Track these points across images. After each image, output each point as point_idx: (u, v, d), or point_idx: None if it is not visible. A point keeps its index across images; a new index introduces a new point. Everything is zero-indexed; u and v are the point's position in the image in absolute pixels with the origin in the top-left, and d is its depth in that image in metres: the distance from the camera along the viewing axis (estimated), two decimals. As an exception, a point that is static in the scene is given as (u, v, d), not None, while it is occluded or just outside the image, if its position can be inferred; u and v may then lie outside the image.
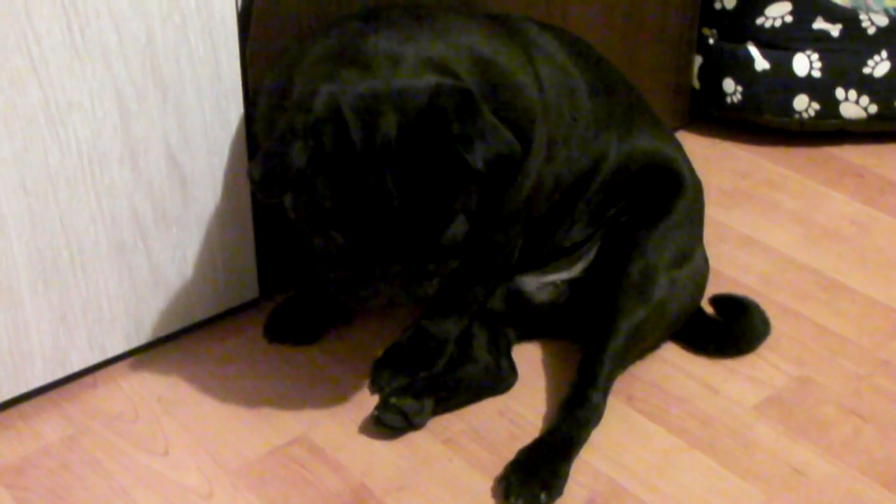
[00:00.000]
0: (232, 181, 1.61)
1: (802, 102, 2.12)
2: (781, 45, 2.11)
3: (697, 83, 2.20)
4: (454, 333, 1.59)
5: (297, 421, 1.54)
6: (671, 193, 1.63)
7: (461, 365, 1.59)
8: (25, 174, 1.42)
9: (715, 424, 1.54)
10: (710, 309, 1.70)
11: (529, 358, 1.65)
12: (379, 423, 1.51)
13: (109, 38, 1.42)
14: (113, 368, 1.62)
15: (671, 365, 1.64)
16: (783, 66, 2.11)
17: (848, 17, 2.09)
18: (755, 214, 1.99)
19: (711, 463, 1.48)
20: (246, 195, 1.63)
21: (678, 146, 1.71)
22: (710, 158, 2.13)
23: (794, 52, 2.11)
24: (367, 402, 1.56)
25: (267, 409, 1.56)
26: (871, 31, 2.09)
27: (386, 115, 1.30)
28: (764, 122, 2.16)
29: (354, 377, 1.61)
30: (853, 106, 2.11)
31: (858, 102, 2.11)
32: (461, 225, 1.36)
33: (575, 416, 1.49)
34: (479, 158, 1.30)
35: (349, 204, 1.31)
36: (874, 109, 2.12)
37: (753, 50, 2.12)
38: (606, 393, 1.53)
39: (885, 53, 2.09)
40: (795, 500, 1.43)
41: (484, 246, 1.51)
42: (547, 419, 1.54)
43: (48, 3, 1.36)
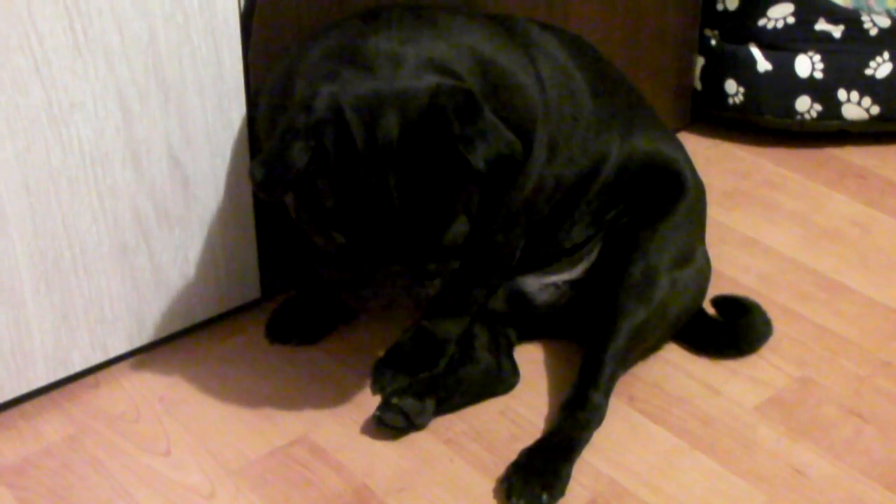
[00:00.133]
0: (234, 181, 1.61)
1: (804, 103, 2.12)
2: (783, 46, 2.11)
3: (699, 84, 2.20)
4: (455, 334, 1.59)
5: (298, 421, 1.54)
6: (673, 194, 1.63)
7: (462, 365, 1.59)
8: (28, 174, 1.42)
9: (716, 425, 1.54)
10: (711, 310, 1.70)
11: (531, 358, 1.65)
12: (380, 423, 1.51)
13: (112, 38, 1.42)
14: (115, 368, 1.62)
15: (673, 365, 1.64)
16: (785, 67, 2.11)
17: (850, 18, 2.09)
18: (756, 215, 1.99)
19: (712, 464, 1.48)
20: (248, 195, 1.64)
21: (680, 147, 1.71)
22: (711, 159, 2.13)
23: (796, 53, 2.11)
24: (368, 402, 1.56)
25: (268, 409, 1.56)
26: (873, 32, 2.09)
27: (387, 115, 1.30)
28: (765, 123, 2.16)
29: (356, 377, 1.61)
30: (855, 107, 2.11)
31: (860, 104, 2.11)
32: (462, 225, 1.36)
33: (576, 417, 1.49)
34: (480, 159, 1.30)
35: (350, 204, 1.31)
36: (876, 111, 2.11)
37: (755, 51, 2.12)
38: (608, 394, 1.53)
39: (887, 55, 2.09)
40: (796, 500, 1.43)
41: (485, 246, 1.51)
42: (548, 420, 1.54)
43: (51, 3, 1.36)
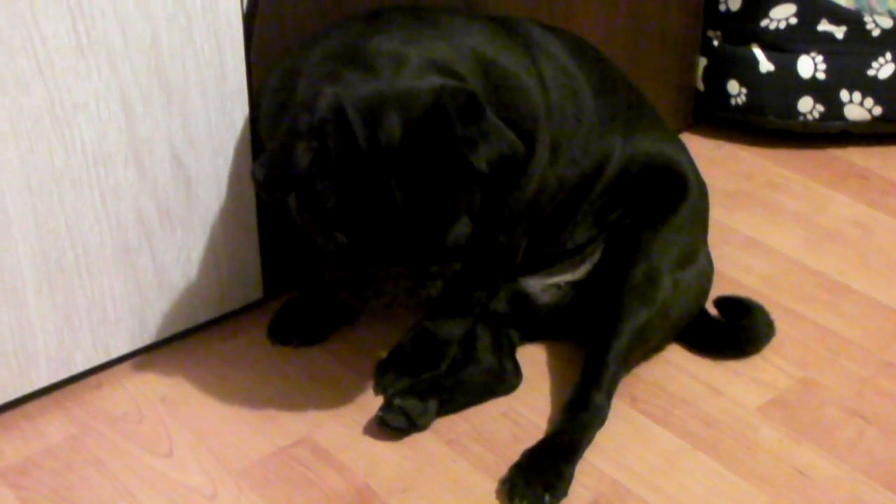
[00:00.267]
0: (236, 182, 1.61)
1: (807, 104, 2.12)
2: (786, 47, 2.11)
3: (702, 85, 2.20)
4: (457, 334, 1.59)
5: (300, 422, 1.54)
6: (675, 195, 1.63)
7: (465, 366, 1.59)
8: (30, 175, 1.42)
9: (718, 426, 1.54)
10: (713, 310, 1.70)
11: (533, 359, 1.65)
12: (383, 424, 1.51)
13: (115, 39, 1.42)
14: (117, 369, 1.62)
15: (675, 366, 1.64)
16: (787, 67, 2.11)
17: (852, 19, 2.09)
18: (758, 216, 1.99)
19: (715, 464, 1.48)
20: (250, 196, 1.64)
21: (682, 147, 1.71)
22: (713, 160, 2.13)
23: (798, 54, 2.11)
24: (370, 403, 1.56)
25: (271, 410, 1.56)
26: (875, 33, 2.09)
27: (390, 116, 1.30)
28: (768, 123, 2.16)
29: (358, 378, 1.61)
30: (857, 108, 2.11)
31: (863, 104, 2.11)
32: (464, 226, 1.36)
33: (579, 418, 1.49)
34: (482, 160, 1.30)
35: (353, 205, 1.31)
36: (878, 111, 2.11)
37: (758, 52, 2.12)
38: (610, 395, 1.53)
39: (889, 55, 2.09)
40: (798, 501, 1.43)
41: (487, 247, 1.51)
42: (551, 421, 1.54)
43: (54, 4, 1.36)
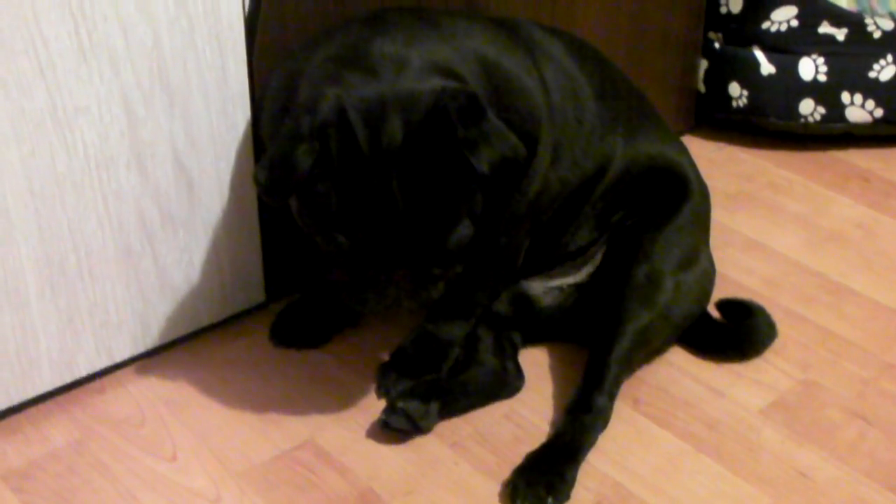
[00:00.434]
0: (238, 185, 1.61)
1: (808, 106, 2.12)
2: (787, 49, 2.11)
3: (703, 87, 2.20)
4: (459, 337, 1.59)
5: (303, 425, 1.54)
6: (677, 197, 1.63)
7: (467, 369, 1.59)
8: (33, 178, 1.42)
9: (721, 428, 1.54)
10: (715, 313, 1.70)
11: (536, 362, 1.65)
12: (385, 426, 1.51)
13: (116, 42, 1.42)
14: (120, 373, 1.62)
15: (677, 369, 1.64)
16: (789, 70, 2.11)
17: (853, 21, 2.09)
18: (760, 218, 1.99)
19: (717, 467, 1.48)
20: (252, 199, 1.64)
21: (683, 149, 1.71)
22: (715, 162, 2.13)
23: (799, 56, 2.11)
24: (373, 406, 1.56)
25: (274, 412, 1.56)
26: (876, 35, 2.09)
27: (391, 118, 1.30)
28: (769, 125, 2.16)
29: (361, 381, 1.61)
30: (859, 110, 2.11)
31: (864, 106, 2.11)
32: (466, 229, 1.36)
33: (581, 420, 1.49)
34: (484, 162, 1.30)
35: (355, 207, 1.31)
36: (880, 113, 2.11)
37: (759, 54, 2.12)
38: (613, 397, 1.53)
39: (890, 57, 2.09)
40: (801, 503, 1.43)
41: (489, 250, 1.51)
42: (553, 423, 1.54)
43: (56, 7, 1.36)
